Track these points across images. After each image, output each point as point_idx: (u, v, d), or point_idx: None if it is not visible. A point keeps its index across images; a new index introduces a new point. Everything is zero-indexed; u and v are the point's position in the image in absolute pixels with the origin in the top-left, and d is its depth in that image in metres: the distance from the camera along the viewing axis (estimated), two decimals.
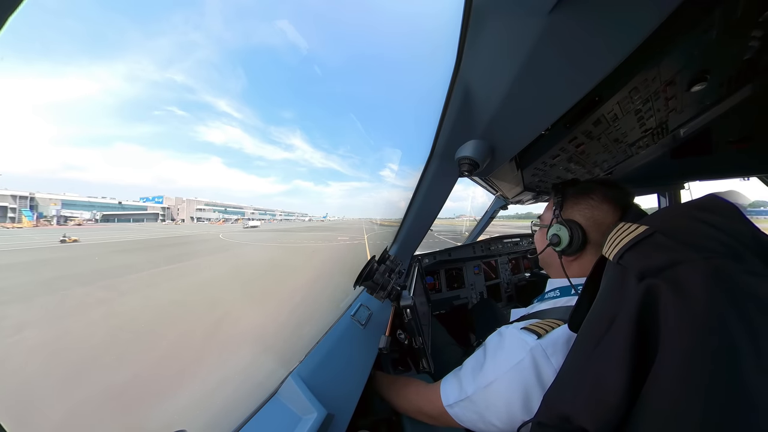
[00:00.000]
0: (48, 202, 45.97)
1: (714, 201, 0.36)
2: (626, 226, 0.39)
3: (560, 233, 0.66)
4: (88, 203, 69.81)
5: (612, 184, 0.68)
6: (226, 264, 13.99)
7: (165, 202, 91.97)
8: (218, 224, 79.49)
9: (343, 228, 49.64)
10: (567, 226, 0.65)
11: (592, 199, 0.66)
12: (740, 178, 1.42)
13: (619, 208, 0.64)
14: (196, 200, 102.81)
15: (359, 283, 0.89)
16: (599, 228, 0.63)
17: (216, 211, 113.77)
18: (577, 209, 0.67)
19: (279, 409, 0.58)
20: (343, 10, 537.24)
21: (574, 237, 0.64)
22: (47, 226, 46.36)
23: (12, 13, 0.28)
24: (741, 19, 0.46)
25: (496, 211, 2.57)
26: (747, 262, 0.30)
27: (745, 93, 0.72)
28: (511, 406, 0.51)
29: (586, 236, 0.64)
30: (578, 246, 0.64)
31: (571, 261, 0.67)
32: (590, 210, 0.65)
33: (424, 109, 0.86)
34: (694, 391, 0.26)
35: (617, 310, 0.34)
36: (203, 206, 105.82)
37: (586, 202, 0.66)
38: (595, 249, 0.64)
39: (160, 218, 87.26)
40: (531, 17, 0.40)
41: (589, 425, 0.33)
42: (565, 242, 0.65)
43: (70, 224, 55.52)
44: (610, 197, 0.65)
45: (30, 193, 40.15)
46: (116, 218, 74.72)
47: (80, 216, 61.14)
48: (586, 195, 0.67)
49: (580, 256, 0.66)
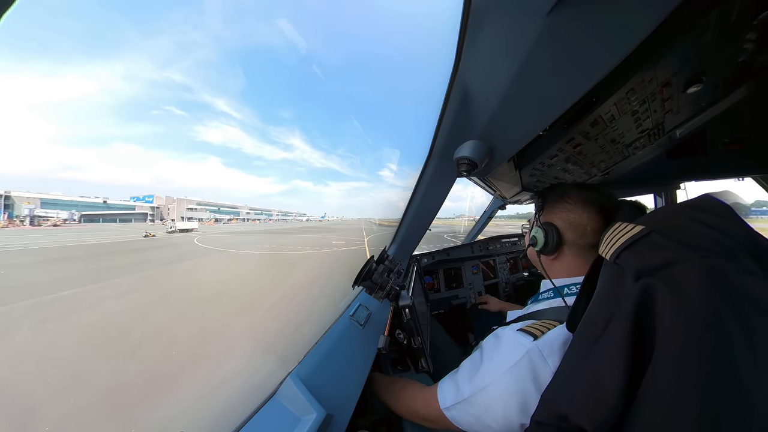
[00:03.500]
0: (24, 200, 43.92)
1: (709, 201, 0.37)
2: (622, 225, 0.39)
3: (537, 235, 0.73)
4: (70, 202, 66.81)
5: (587, 186, 0.73)
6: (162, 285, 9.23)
7: (155, 201, 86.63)
8: (208, 224, 75.15)
9: (341, 229, 44.75)
10: (543, 228, 0.71)
11: (567, 202, 0.71)
12: (735, 179, 1.44)
13: (594, 209, 0.67)
14: (187, 200, 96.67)
15: (358, 283, 0.89)
16: (575, 229, 0.68)
17: (208, 210, 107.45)
18: (555, 212, 0.72)
19: (278, 409, 0.58)
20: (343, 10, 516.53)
21: (548, 238, 0.70)
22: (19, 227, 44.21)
23: (5, 11, 0.28)
24: (736, 21, 0.46)
25: (495, 211, 2.58)
26: (742, 261, 0.30)
27: (740, 95, 0.73)
28: (508, 408, 0.51)
29: (561, 237, 0.69)
30: (553, 246, 0.69)
31: (552, 260, 0.72)
32: (565, 213, 0.70)
33: (423, 109, 0.86)
34: (690, 389, 0.27)
35: (614, 310, 0.35)
36: (195, 206, 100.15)
37: (562, 205, 0.71)
38: (573, 249, 0.69)
39: (149, 218, 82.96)
40: (530, 18, 0.41)
41: (587, 424, 0.33)
42: (541, 243, 0.71)
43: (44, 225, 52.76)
44: (584, 199, 0.69)
45: (5, 191, 38.26)
46: (101, 218, 70.34)
47: (56, 216, 58.17)
48: (561, 199, 0.72)
49: (558, 255, 0.71)
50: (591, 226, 0.66)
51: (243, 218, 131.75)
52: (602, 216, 0.66)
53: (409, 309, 0.91)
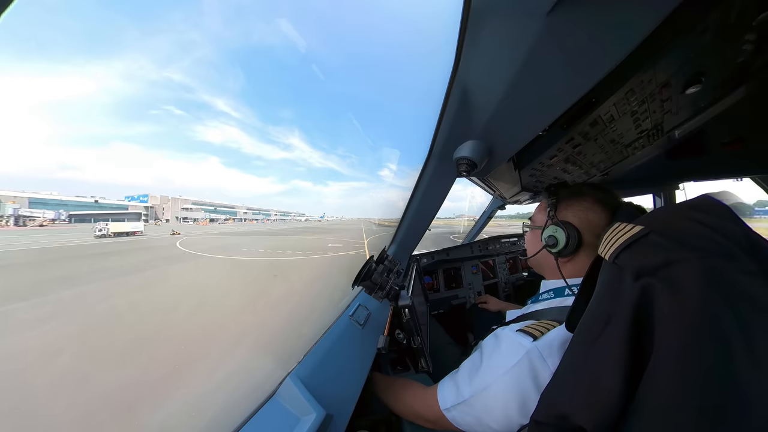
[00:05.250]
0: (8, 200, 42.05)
1: (707, 201, 0.37)
2: (622, 226, 0.40)
3: (557, 235, 0.66)
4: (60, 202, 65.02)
5: (602, 187, 0.71)
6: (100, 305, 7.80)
7: (150, 201, 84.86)
8: (203, 224, 72.31)
9: (340, 229, 42.27)
10: (563, 227, 0.65)
11: (585, 201, 0.67)
12: (733, 179, 1.45)
13: (608, 210, 0.65)
14: (183, 199, 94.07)
15: (357, 283, 0.89)
16: (593, 230, 0.64)
17: (204, 210, 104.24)
18: (571, 211, 0.68)
19: (277, 410, 0.58)
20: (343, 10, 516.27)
21: (570, 238, 0.65)
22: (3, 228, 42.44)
23: (5, 9, 0.28)
24: (735, 22, 0.47)
25: (494, 211, 2.59)
26: (740, 261, 0.30)
27: (739, 95, 0.73)
28: (508, 409, 0.51)
29: (581, 237, 0.64)
30: (574, 247, 0.65)
31: (566, 262, 0.68)
32: (584, 212, 0.66)
33: (423, 108, 0.86)
34: (689, 388, 0.27)
35: (613, 309, 0.35)
36: (190, 205, 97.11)
37: (580, 204, 0.68)
38: (588, 250, 0.65)
39: (143, 218, 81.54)
40: (529, 19, 0.41)
41: (587, 423, 0.33)
42: (562, 244, 0.65)
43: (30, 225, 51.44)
44: (600, 200, 0.67)
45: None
46: (92, 218, 67.57)
47: (42, 216, 56.37)
48: (579, 197, 0.69)
49: (574, 257, 0.67)
50: (603, 228, 0.65)
51: (241, 218, 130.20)
52: (612, 218, 0.64)
53: (409, 309, 0.91)
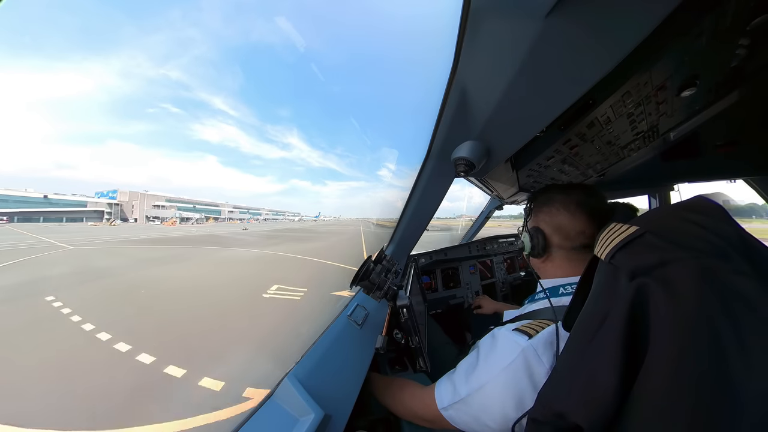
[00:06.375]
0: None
1: (702, 202, 0.37)
2: (617, 226, 0.40)
3: (524, 239, 0.76)
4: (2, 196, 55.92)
5: (574, 189, 0.73)
6: None
7: (119, 197, 74.71)
8: (167, 225, 61.47)
9: (335, 231, 33.69)
10: (530, 233, 0.74)
11: (552, 206, 0.72)
12: (727, 181, 1.47)
13: (583, 211, 0.67)
14: (155, 195, 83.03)
15: (355, 283, 0.89)
16: (560, 232, 0.69)
17: (181, 209, 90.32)
18: (542, 216, 0.74)
19: (276, 410, 0.57)
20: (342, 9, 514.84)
21: (534, 243, 0.72)
22: None
23: None
24: (730, 27, 0.47)
25: (492, 212, 2.60)
26: (734, 261, 0.31)
27: (732, 99, 0.74)
28: (505, 407, 0.51)
29: (546, 240, 0.71)
30: (540, 250, 0.71)
31: (542, 262, 0.74)
32: (551, 217, 0.72)
33: (421, 109, 0.87)
34: (683, 387, 0.27)
35: (609, 308, 0.35)
36: (164, 203, 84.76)
37: (548, 209, 0.73)
38: (561, 251, 0.70)
39: (105, 217, 70.07)
40: (528, 20, 0.41)
41: (583, 421, 0.34)
42: (529, 248, 0.74)
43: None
44: (570, 202, 0.69)
45: None
46: (41, 217, 57.44)
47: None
48: (548, 203, 0.73)
49: (548, 258, 0.73)
50: (577, 229, 0.67)
51: (226, 218, 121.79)
52: (592, 217, 0.66)
53: (407, 309, 0.92)
